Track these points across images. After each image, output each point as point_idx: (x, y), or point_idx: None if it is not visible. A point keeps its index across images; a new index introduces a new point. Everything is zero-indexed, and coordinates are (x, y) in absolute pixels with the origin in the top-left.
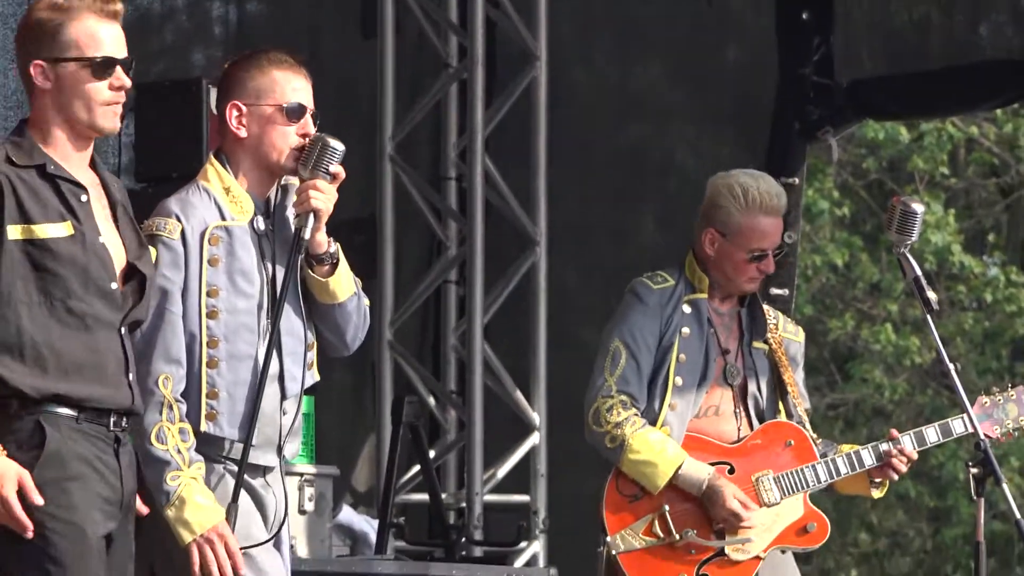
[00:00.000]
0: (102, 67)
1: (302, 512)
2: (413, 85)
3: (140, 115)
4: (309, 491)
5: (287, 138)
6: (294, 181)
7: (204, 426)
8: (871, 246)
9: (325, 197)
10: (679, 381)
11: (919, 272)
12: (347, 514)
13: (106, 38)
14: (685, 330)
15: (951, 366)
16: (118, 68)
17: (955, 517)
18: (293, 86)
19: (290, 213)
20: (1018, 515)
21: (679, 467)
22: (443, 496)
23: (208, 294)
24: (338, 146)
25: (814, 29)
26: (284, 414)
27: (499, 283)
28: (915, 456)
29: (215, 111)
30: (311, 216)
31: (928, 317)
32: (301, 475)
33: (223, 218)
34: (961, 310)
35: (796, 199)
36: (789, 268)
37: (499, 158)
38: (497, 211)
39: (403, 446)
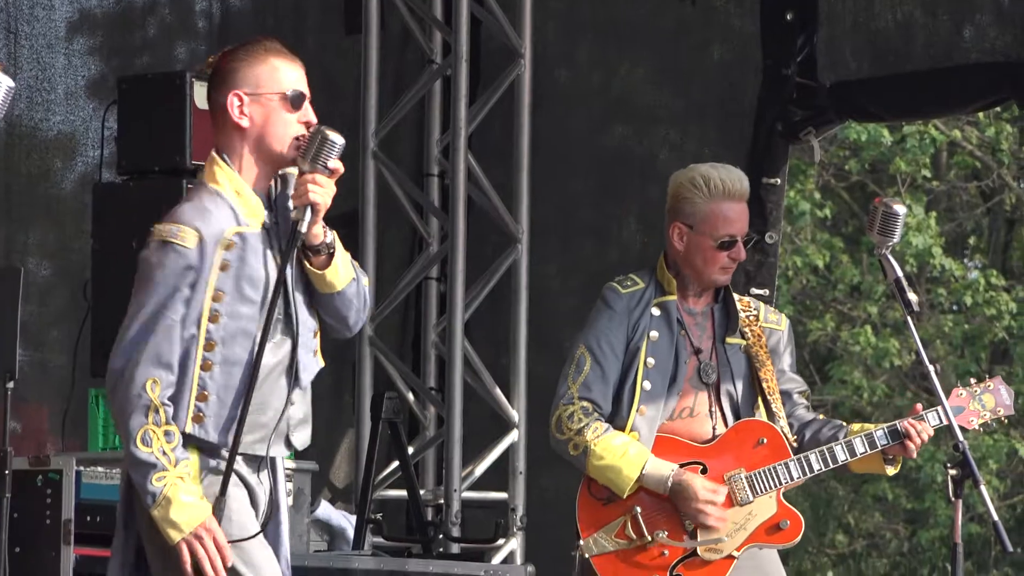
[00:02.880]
0: None
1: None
2: (397, 81)
3: (123, 109)
4: (288, 486)
5: (289, 127)
6: (292, 171)
7: (190, 428)
8: (852, 248)
9: (323, 191)
10: (647, 385)
11: (900, 274)
12: (325, 509)
13: None
14: (653, 334)
15: (931, 368)
16: None
17: (932, 519)
18: (293, 75)
19: (290, 204)
20: (996, 517)
21: (643, 467)
22: (421, 492)
23: (213, 298)
24: (337, 139)
25: (798, 30)
26: (292, 404)
27: (480, 280)
28: (925, 435)
29: (203, 105)
30: (308, 209)
31: (909, 319)
32: (287, 472)
33: (238, 223)
34: (941, 312)
35: (778, 200)
36: (770, 268)
37: (482, 155)
38: (479, 208)
39: (382, 442)
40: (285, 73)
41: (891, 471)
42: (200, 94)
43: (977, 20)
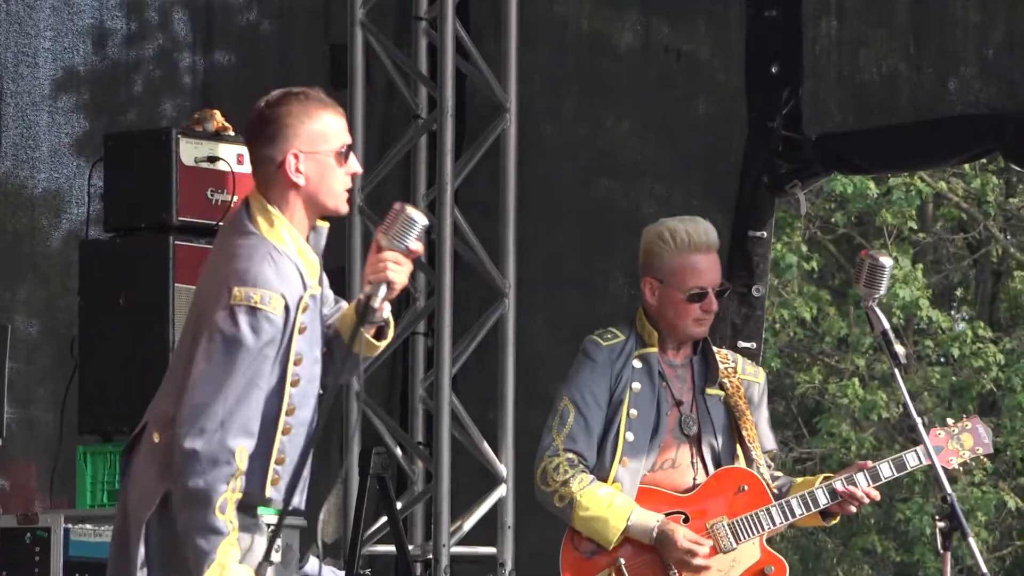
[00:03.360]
0: None
1: (269, 563)
2: (382, 136)
3: (109, 166)
4: (276, 542)
5: (340, 180)
6: (323, 225)
7: (269, 492)
8: (839, 300)
9: (401, 270)
10: (630, 437)
11: (887, 326)
12: (314, 565)
13: None
14: (636, 385)
15: (919, 420)
16: None
17: (921, 572)
18: (341, 126)
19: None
20: (984, 569)
21: (629, 518)
22: (410, 548)
23: (295, 363)
24: (420, 220)
25: (783, 83)
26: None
27: (467, 335)
28: (872, 493)
29: (189, 162)
30: (383, 287)
31: (896, 371)
32: (268, 526)
33: (305, 286)
34: (929, 365)
35: (764, 253)
36: (756, 322)
37: (468, 210)
38: (466, 263)
39: (370, 497)
40: (335, 128)
41: (830, 522)
42: (186, 150)
43: (962, 73)
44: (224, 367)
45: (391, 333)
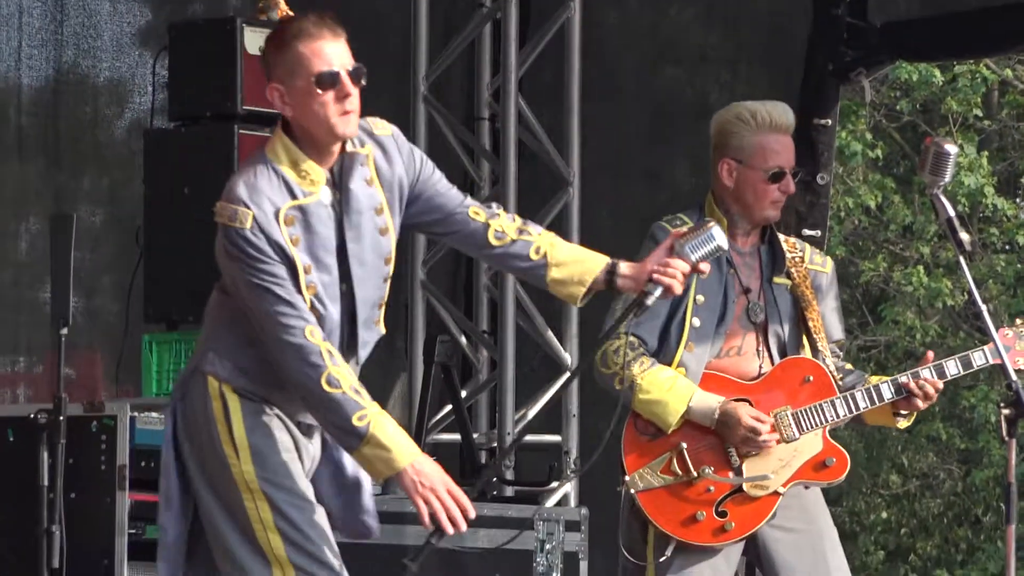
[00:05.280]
0: None
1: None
2: (447, 25)
3: (174, 54)
4: None
5: (327, 107)
6: (362, 150)
7: None
8: (904, 188)
9: (681, 282)
10: (696, 322)
11: (952, 213)
12: None
13: None
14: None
15: (983, 307)
16: None
17: (986, 459)
18: (320, 55)
19: (356, 185)
20: None
21: (689, 400)
22: (475, 436)
23: (305, 270)
24: (721, 241)
25: None
26: None
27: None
28: (939, 385)
29: (253, 51)
30: (660, 289)
31: (961, 258)
32: None
33: (294, 197)
34: (993, 252)
35: (829, 141)
36: (821, 209)
37: (533, 98)
38: (530, 151)
39: (435, 385)
40: (309, 55)
41: (903, 424)
42: (250, 40)
43: None
44: (246, 285)
45: None
